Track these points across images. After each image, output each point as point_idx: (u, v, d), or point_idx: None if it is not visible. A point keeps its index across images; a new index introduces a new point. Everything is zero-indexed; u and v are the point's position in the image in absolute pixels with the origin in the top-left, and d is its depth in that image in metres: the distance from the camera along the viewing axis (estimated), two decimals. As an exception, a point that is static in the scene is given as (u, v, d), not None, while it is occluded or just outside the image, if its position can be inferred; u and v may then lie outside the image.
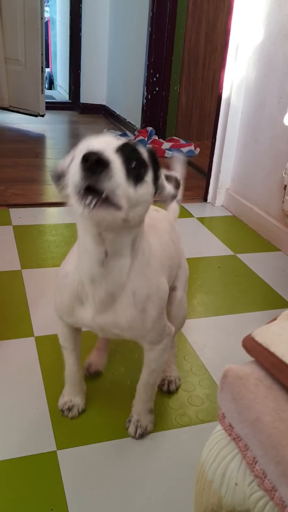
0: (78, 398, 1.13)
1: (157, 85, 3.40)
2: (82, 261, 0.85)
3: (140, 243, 0.84)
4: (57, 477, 0.97)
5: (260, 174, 2.22)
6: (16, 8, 3.46)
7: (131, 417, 1.10)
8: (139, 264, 0.86)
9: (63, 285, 0.93)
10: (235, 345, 1.41)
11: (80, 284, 0.88)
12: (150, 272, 0.89)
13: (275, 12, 2.02)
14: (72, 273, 0.90)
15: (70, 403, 1.12)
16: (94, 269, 0.83)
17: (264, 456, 0.51)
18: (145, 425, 1.09)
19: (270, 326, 0.58)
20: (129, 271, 0.85)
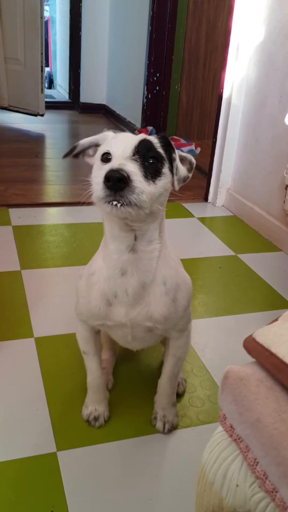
0: (102, 407, 1.11)
1: (158, 85, 3.40)
2: (112, 250, 0.87)
3: (163, 230, 0.88)
4: (57, 478, 0.97)
5: (261, 174, 2.22)
6: (16, 7, 3.46)
7: (156, 414, 1.10)
8: (165, 254, 0.89)
9: (90, 284, 0.92)
10: (235, 346, 1.41)
11: (108, 280, 0.88)
12: (175, 264, 0.93)
13: (276, 12, 2.02)
14: (99, 269, 0.91)
15: (96, 413, 1.10)
16: (125, 256, 0.85)
17: (265, 457, 0.51)
18: (171, 419, 1.09)
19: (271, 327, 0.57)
20: (158, 259, 0.87)
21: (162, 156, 0.79)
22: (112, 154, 0.78)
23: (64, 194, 2.51)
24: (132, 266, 0.86)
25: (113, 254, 0.87)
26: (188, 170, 0.85)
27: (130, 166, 0.73)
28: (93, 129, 4.17)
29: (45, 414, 1.12)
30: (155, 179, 0.77)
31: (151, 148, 0.78)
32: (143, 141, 0.78)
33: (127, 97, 3.90)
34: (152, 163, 0.77)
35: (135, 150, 0.76)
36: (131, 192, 0.72)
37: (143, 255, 0.86)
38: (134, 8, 3.57)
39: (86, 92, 4.47)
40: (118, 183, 0.71)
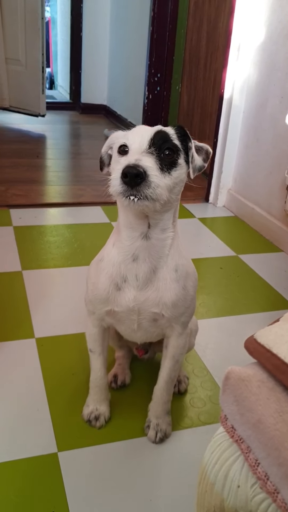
0: (103, 407, 1.11)
1: (158, 85, 3.40)
2: (124, 237, 0.88)
3: (176, 219, 0.90)
4: (58, 479, 0.97)
5: (262, 174, 2.22)
6: (17, 8, 3.46)
7: (149, 422, 1.08)
8: (177, 243, 0.91)
9: (98, 270, 0.94)
10: (237, 346, 1.41)
11: (118, 265, 0.90)
12: (185, 254, 0.95)
13: (277, 13, 2.02)
14: (108, 254, 0.92)
15: (96, 412, 1.10)
16: (138, 243, 0.87)
17: (266, 458, 0.51)
18: (164, 428, 1.07)
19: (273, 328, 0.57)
20: (171, 246, 0.89)
21: (178, 147, 0.81)
22: (128, 147, 0.80)
23: (65, 194, 2.51)
24: (145, 252, 0.88)
25: (126, 241, 0.89)
26: (203, 160, 0.87)
27: (146, 160, 0.75)
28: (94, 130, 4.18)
29: (46, 415, 1.12)
30: (170, 170, 0.79)
31: (167, 140, 0.80)
32: (159, 133, 0.80)
33: (128, 97, 3.90)
34: (168, 155, 0.79)
35: (151, 142, 0.78)
36: (147, 186, 0.74)
37: (156, 242, 0.88)
38: (135, 9, 3.57)
39: (87, 92, 4.47)
40: (135, 178, 0.73)
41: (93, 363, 1.08)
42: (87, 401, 1.12)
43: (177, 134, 0.83)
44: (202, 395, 1.22)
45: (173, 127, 0.84)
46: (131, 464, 1.02)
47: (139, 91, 3.55)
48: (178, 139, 0.82)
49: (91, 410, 1.10)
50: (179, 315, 0.96)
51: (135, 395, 1.20)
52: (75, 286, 1.67)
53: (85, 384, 1.16)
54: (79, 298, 1.58)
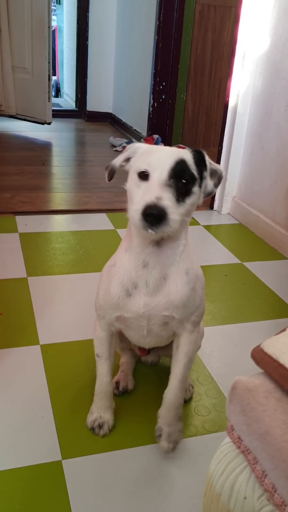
0: (107, 414, 1.10)
1: (164, 93, 3.42)
2: (135, 244, 0.90)
3: (187, 227, 0.92)
4: (62, 487, 0.96)
5: (267, 182, 2.22)
6: (23, 17, 3.50)
7: (161, 431, 1.05)
8: (188, 249, 0.93)
9: (110, 275, 0.95)
10: (242, 354, 1.40)
11: (129, 271, 0.91)
12: (195, 260, 0.97)
13: (282, 22, 2.03)
14: (120, 260, 0.94)
15: (100, 420, 1.09)
16: (148, 250, 0.89)
17: (274, 470, 0.50)
18: (176, 437, 1.06)
19: (280, 338, 0.57)
20: (182, 253, 0.91)
21: (195, 177, 0.84)
22: (150, 174, 0.82)
23: (70, 201, 2.52)
24: (155, 259, 0.90)
25: (137, 247, 0.91)
26: (215, 185, 0.89)
27: (166, 197, 0.79)
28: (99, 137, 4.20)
29: (50, 422, 1.12)
30: (185, 198, 0.82)
31: (185, 170, 0.83)
32: (179, 163, 0.82)
33: (133, 105, 3.92)
34: (185, 184, 0.82)
35: (171, 173, 0.81)
36: (166, 224, 0.79)
37: (167, 250, 0.90)
38: (141, 18, 3.61)
39: (92, 100, 4.50)
40: (156, 218, 0.78)
41: (99, 368, 1.08)
42: (91, 408, 1.12)
43: (194, 159, 0.85)
44: (207, 403, 1.21)
45: (192, 151, 0.86)
46: (136, 472, 1.01)
47: (145, 99, 3.57)
48: (195, 164, 0.85)
49: (95, 417, 1.09)
50: (189, 314, 0.97)
51: (139, 401, 1.20)
52: (80, 293, 1.67)
53: (90, 391, 1.16)
54: (84, 305, 1.59)
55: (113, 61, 4.34)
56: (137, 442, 1.09)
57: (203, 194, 0.87)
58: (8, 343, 1.37)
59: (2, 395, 1.18)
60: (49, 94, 3.64)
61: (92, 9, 4.22)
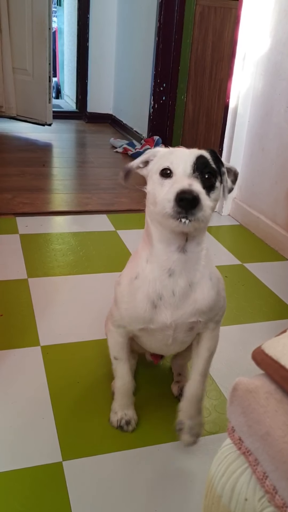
0: (130, 411, 1.12)
1: (164, 94, 3.42)
2: (160, 251, 0.89)
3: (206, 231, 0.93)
4: (63, 488, 0.96)
5: (267, 183, 2.22)
6: (24, 18, 3.51)
7: (182, 424, 1.04)
8: (208, 253, 0.94)
9: (133, 288, 0.93)
10: (242, 356, 1.40)
11: (154, 281, 0.90)
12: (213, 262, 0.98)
13: (282, 23, 2.03)
14: (143, 271, 0.92)
15: (126, 417, 1.11)
16: (174, 257, 0.88)
17: (275, 471, 0.50)
18: (197, 430, 1.05)
19: (281, 339, 0.57)
20: (205, 257, 0.92)
21: (216, 171, 0.85)
22: (172, 171, 0.83)
23: (71, 203, 2.52)
24: (181, 266, 0.89)
25: (162, 255, 0.89)
26: (232, 182, 0.91)
27: (197, 185, 0.80)
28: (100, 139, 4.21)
29: (51, 423, 1.11)
30: (209, 193, 0.83)
31: (207, 164, 0.84)
32: (200, 158, 0.84)
33: (134, 107, 3.93)
34: (208, 178, 0.83)
35: (194, 166, 0.82)
36: (200, 209, 0.79)
37: (192, 256, 0.90)
38: (141, 19, 3.61)
39: (93, 102, 4.51)
40: (191, 203, 0.78)
41: (118, 370, 1.08)
42: (114, 407, 1.12)
43: (212, 158, 0.86)
44: (207, 404, 1.21)
45: (207, 150, 0.87)
46: (137, 473, 1.01)
47: (145, 101, 3.58)
48: (213, 161, 0.86)
49: (121, 416, 1.11)
50: (214, 316, 0.98)
51: (140, 403, 1.20)
52: (81, 294, 1.67)
53: (90, 392, 1.16)
54: (84, 306, 1.59)
55: (114, 63, 4.35)
56: (138, 443, 1.09)
57: (225, 190, 0.88)
58: (8, 344, 1.37)
59: (3, 396, 1.18)
60: (49, 96, 3.65)
61: (93, 11, 4.23)
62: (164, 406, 1.18)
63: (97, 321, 1.47)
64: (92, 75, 4.43)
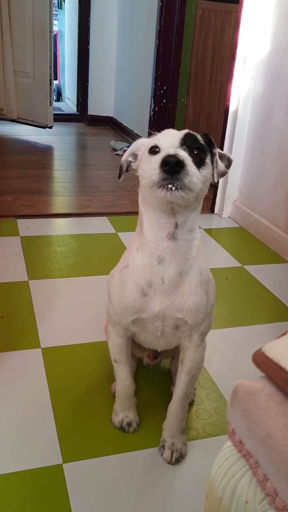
0: (131, 413, 1.12)
1: (165, 97, 3.43)
2: (149, 239, 0.89)
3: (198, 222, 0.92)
4: (63, 490, 0.96)
5: (267, 186, 2.22)
6: (25, 21, 3.52)
7: (164, 442, 1.06)
8: (200, 246, 0.92)
9: (124, 277, 0.93)
10: (242, 358, 1.40)
11: (143, 269, 0.90)
12: (206, 262, 0.96)
13: (282, 26, 2.04)
14: (133, 259, 0.92)
15: (127, 419, 1.11)
16: (164, 244, 0.88)
17: (275, 474, 0.50)
18: (180, 447, 1.05)
19: (281, 341, 0.57)
20: (197, 248, 0.90)
21: (205, 147, 0.85)
22: (160, 147, 0.83)
23: (71, 205, 2.53)
24: (171, 253, 0.88)
25: (151, 243, 0.89)
26: (226, 166, 0.90)
27: (183, 153, 0.79)
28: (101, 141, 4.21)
29: (51, 425, 1.11)
30: (199, 168, 0.82)
31: (196, 140, 0.84)
32: (188, 134, 0.84)
33: (134, 109, 3.94)
34: (197, 154, 0.82)
35: (182, 141, 0.82)
36: (185, 174, 0.77)
37: (183, 243, 0.89)
38: (142, 22, 3.62)
39: (93, 104, 4.52)
40: (175, 167, 0.76)
41: (118, 372, 1.08)
42: (115, 409, 1.12)
43: (203, 139, 0.86)
44: (208, 407, 1.21)
45: (199, 133, 0.88)
46: (137, 476, 1.01)
47: (145, 103, 3.59)
48: (205, 143, 0.86)
49: (122, 417, 1.11)
50: (200, 321, 0.96)
51: (139, 406, 1.20)
52: (81, 296, 1.67)
53: (91, 394, 1.16)
54: (85, 308, 1.59)
55: (114, 65, 4.36)
56: (138, 445, 1.09)
57: (216, 173, 0.87)
58: (9, 346, 1.37)
59: (3, 398, 1.18)
60: (50, 98, 3.65)
61: (93, 14, 4.24)
62: (163, 408, 1.18)
63: (97, 323, 1.47)
64: (93, 77, 4.44)
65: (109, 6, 4.19)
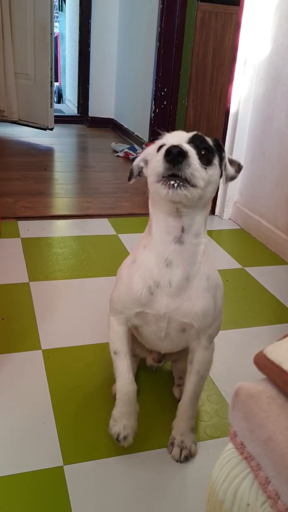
0: (131, 422, 1.03)
1: (165, 99, 3.43)
2: (157, 241, 0.90)
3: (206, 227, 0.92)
4: (64, 493, 0.96)
5: (268, 188, 2.22)
6: (26, 24, 3.53)
7: (173, 439, 1.05)
8: (208, 251, 0.93)
9: (131, 271, 0.94)
10: (243, 360, 1.40)
11: (151, 269, 0.90)
12: (215, 267, 0.96)
13: (283, 28, 2.04)
14: (140, 256, 0.93)
15: (124, 432, 1.02)
16: (171, 247, 0.88)
17: (277, 477, 0.50)
18: (189, 445, 1.04)
19: (283, 343, 0.57)
20: (203, 253, 0.90)
21: (213, 148, 0.86)
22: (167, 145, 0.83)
23: (72, 207, 2.53)
24: (178, 257, 0.89)
25: (159, 245, 0.90)
26: (236, 171, 0.91)
27: (187, 145, 0.80)
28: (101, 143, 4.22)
29: (52, 427, 1.11)
30: (206, 167, 0.82)
31: (204, 141, 0.84)
32: (196, 135, 0.85)
33: (135, 111, 3.94)
34: (204, 154, 0.83)
35: (190, 140, 0.83)
36: (187, 165, 0.77)
37: (190, 247, 0.89)
38: (143, 24, 3.63)
39: (94, 106, 4.53)
40: (177, 157, 0.76)
41: (118, 366, 1.02)
42: (113, 414, 1.03)
43: (213, 143, 0.87)
44: (209, 409, 1.21)
45: (210, 138, 0.89)
46: (138, 478, 1.01)
47: (146, 105, 3.59)
48: (213, 145, 0.87)
49: (119, 430, 1.02)
50: (208, 326, 0.96)
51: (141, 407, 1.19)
52: (82, 298, 1.67)
53: (92, 396, 1.16)
54: (86, 310, 1.59)
55: (115, 67, 4.37)
56: (140, 447, 1.08)
57: (225, 176, 0.88)
58: (10, 348, 1.37)
59: (4, 400, 1.18)
60: (51, 100, 3.66)
61: (94, 16, 4.25)
62: (165, 410, 1.18)
63: (98, 325, 1.47)
64: (94, 79, 4.45)
65: (109, 8, 4.20)
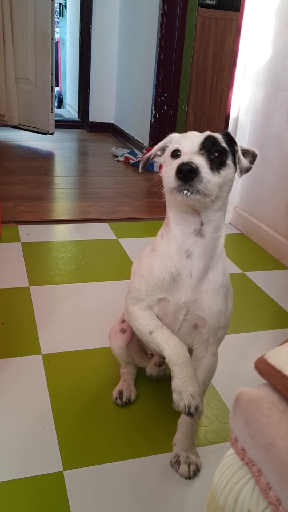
0: (196, 386, 0.92)
1: (165, 104, 3.45)
2: (176, 233, 0.92)
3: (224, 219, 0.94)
4: (63, 498, 0.96)
5: (268, 192, 2.23)
6: (27, 29, 3.55)
7: (178, 457, 1.03)
8: (223, 251, 0.95)
9: (152, 259, 0.95)
10: (243, 364, 1.39)
11: (170, 256, 0.92)
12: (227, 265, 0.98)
13: (283, 34, 2.05)
14: (159, 245, 0.94)
15: (194, 402, 0.89)
16: (191, 240, 0.90)
17: (278, 483, 0.50)
18: (195, 459, 1.03)
19: (284, 348, 0.57)
20: (222, 246, 0.93)
21: (226, 149, 0.87)
22: (181, 151, 0.86)
23: (72, 211, 2.53)
24: (200, 249, 0.91)
25: (179, 237, 0.92)
26: (250, 162, 0.93)
27: (198, 159, 0.82)
28: (102, 147, 4.23)
29: (51, 432, 1.11)
30: (220, 170, 0.85)
31: (216, 143, 0.86)
32: (208, 137, 0.86)
33: (135, 116, 3.96)
34: (217, 156, 0.85)
35: (202, 145, 0.85)
36: (199, 181, 0.81)
37: (210, 240, 0.91)
38: (143, 30, 3.65)
39: (95, 111, 4.54)
40: (188, 174, 0.80)
41: (160, 337, 0.94)
42: (176, 386, 0.91)
43: (224, 139, 0.88)
44: (209, 414, 1.21)
45: (221, 133, 0.90)
46: (137, 483, 1.01)
47: (146, 110, 3.61)
48: (226, 143, 0.88)
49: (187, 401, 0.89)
50: (219, 326, 0.96)
51: (141, 413, 1.19)
52: (82, 302, 1.67)
53: (92, 401, 1.16)
54: (86, 314, 1.59)
55: (116, 72, 4.39)
56: (139, 453, 1.08)
57: (239, 169, 0.90)
58: (9, 352, 1.37)
59: (3, 405, 1.18)
60: (52, 105, 3.68)
61: (95, 21, 4.28)
62: (166, 416, 1.18)
63: (98, 330, 1.47)
64: (94, 84, 4.47)
65: (110, 13, 4.22)
